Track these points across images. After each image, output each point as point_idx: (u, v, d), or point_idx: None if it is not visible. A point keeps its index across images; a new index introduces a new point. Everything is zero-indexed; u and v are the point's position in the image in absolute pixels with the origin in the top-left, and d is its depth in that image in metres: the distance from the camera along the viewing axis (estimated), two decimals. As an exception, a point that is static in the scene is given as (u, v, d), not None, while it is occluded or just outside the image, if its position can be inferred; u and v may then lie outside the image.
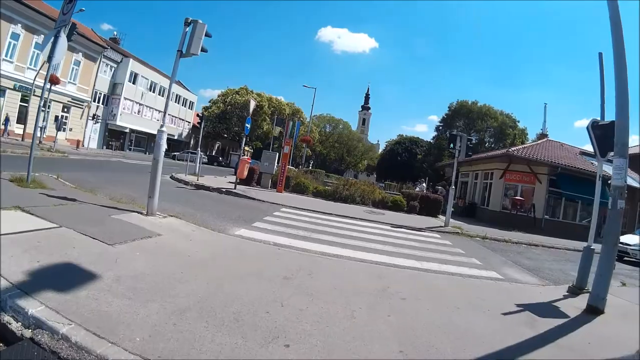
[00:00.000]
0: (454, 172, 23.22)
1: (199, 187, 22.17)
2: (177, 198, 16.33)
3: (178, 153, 67.19)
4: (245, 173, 24.16)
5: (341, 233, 13.91)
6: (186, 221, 10.93)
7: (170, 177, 24.71)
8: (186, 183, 22.98)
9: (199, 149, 29.38)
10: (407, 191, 29.72)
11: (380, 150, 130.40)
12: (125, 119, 62.18)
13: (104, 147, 58.75)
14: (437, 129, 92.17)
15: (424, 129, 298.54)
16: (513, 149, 36.27)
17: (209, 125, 77.82)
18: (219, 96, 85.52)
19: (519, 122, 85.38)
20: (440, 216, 25.93)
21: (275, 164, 27.07)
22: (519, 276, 11.77)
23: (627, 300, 9.82)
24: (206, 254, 7.83)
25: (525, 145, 40.31)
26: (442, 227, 20.79)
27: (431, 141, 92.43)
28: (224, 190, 21.45)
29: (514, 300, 8.06)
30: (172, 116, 75.43)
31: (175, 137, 77.53)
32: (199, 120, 31.06)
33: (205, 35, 11.18)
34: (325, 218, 17.35)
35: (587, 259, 10.15)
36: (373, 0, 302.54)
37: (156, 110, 69.04)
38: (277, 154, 27.57)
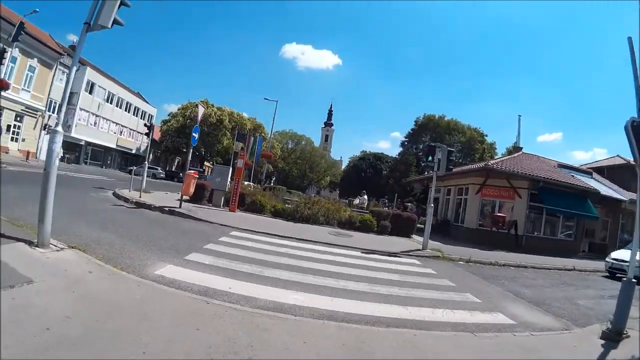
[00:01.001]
0: (432, 188, 20.64)
1: (140, 205, 19.29)
2: (104, 220, 13.64)
3: (135, 167, 62.76)
4: (192, 189, 20.95)
5: (302, 266, 11.12)
6: (89, 255, 8.05)
7: (113, 193, 21.96)
8: (126, 200, 20.15)
9: (145, 163, 26.83)
10: (377, 209, 26.81)
11: (343, 167, 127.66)
12: (81, 131, 59.58)
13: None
14: (402, 144, 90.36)
15: (387, 146, 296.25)
16: (492, 162, 34.24)
17: (168, 139, 76.84)
18: (178, 109, 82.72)
19: (486, 136, 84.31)
20: (415, 236, 23.51)
21: (229, 179, 24.27)
22: (530, 316, 9.44)
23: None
24: (81, 323, 4.88)
25: (502, 159, 37.92)
26: (419, 250, 18.24)
27: (396, 157, 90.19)
28: (166, 209, 18.54)
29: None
30: (130, 129, 73.82)
31: (133, 151, 75.91)
32: (147, 130, 28.29)
33: (122, 4, 8.61)
34: (283, 244, 14.49)
35: (626, 295, 7.98)
36: (337, 16, 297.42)
37: (114, 122, 66.91)
38: (230, 168, 24.92)
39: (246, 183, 36.42)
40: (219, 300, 6.81)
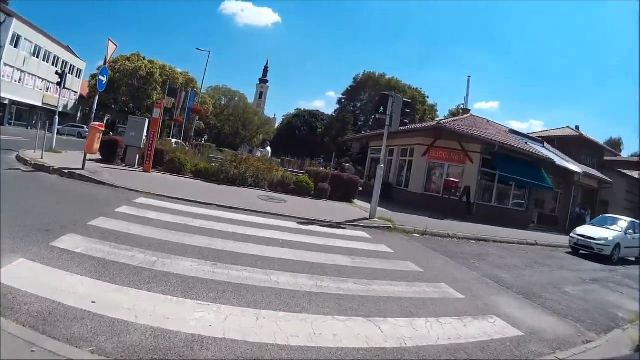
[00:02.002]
0: (384, 147, 17.64)
1: (39, 168, 15.82)
2: None
3: (60, 127, 58.73)
4: (96, 146, 16.95)
5: (217, 248, 8.24)
6: None
7: (17, 156, 18.03)
8: (25, 162, 16.67)
9: (56, 117, 23.20)
10: (314, 169, 23.73)
11: (277, 125, 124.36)
12: (5, 89, 52.59)
13: None
14: (339, 101, 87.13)
15: (322, 105, 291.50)
16: (444, 121, 32.01)
17: (95, 95, 70.04)
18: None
19: (428, 97, 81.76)
20: (357, 201, 20.97)
21: (144, 133, 20.50)
22: (532, 319, 7.37)
23: None
24: None
25: (453, 119, 34.79)
26: (366, 219, 15.57)
27: (333, 115, 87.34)
28: (66, 172, 15.07)
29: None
30: (58, 85, 66.49)
31: (60, 109, 68.26)
32: (58, 79, 24.96)
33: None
34: (199, 213, 11.52)
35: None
36: None
37: (40, 78, 60.58)
38: (147, 120, 21.15)
39: (174, 141, 32.78)
40: (52, 344, 3.76)
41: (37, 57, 59.92)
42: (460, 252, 13.22)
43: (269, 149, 29.32)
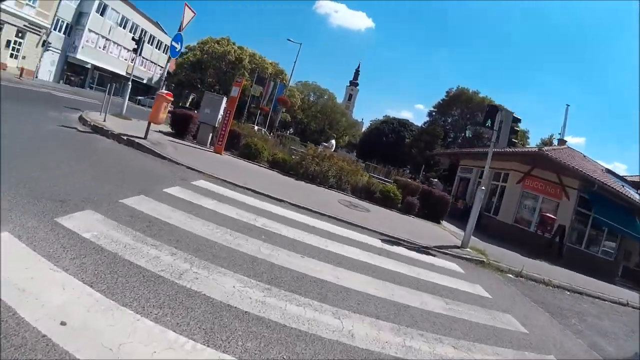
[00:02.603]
0: (486, 167, 14.88)
1: (97, 130, 14.74)
2: (27, 141, 9.95)
3: (142, 97, 60.58)
4: (162, 116, 15.62)
5: (280, 263, 6.33)
6: None
7: (80, 116, 17.10)
8: (85, 123, 15.65)
9: (128, 84, 22.17)
10: (403, 180, 21.37)
11: (364, 129, 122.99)
12: (88, 53, 54.96)
13: (61, 81, 51.90)
14: (430, 114, 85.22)
15: (409, 116, 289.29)
16: (546, 148, 29.06)
17: (182, 73, 72.65)
18: (197, 44, 77.81)
19: (520, 122, 76.61)
20: (445, 223, 18.78)
21: (221, 112, 19.03)
22: None
23: None
24: None
25: (552, 148, 31.95)
26: (457, 247, 13.34)
27: (422, 126, 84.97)
28: (125, 138, 13.80)
29: None
30: (144, 58, 68.70)
31: (145, 81, 70.93)
32: (135, 45, 23.53)
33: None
34: (266, 210, 9.72)
35: None
36: None
37: (125, 48, 60.84)
38: (224, 98, 19.76)
39: (256, 128, 31.30)
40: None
41: (124, 27, 60.94)
42: (558, 306, 11.15)
43: (333, 142, 27.74)
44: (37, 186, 6.17)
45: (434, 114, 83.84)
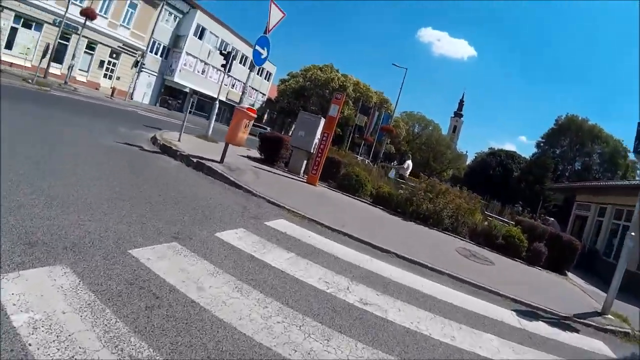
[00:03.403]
0: (638, 205, 11.31)
1: (165, 150, 12.73)
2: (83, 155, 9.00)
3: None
4: (241, 135, 12.45)
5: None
6: None
7: (153, 136, 15.00)
8: (155, 142, 13.81)
9: (215, 103, 19.88)
10: (527, 222, 17.33)
11: (468, 162, 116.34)
12: (186, 77, 54.72)
13: (157, 103, 52.29)
14: (538, 145, 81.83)
15: (512, 148, 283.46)
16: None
17: (284, 100, 72.07)
18: (300, 71, 76.45)
19: (630, 151, 69.36)
20: (572, 276, 14.89)
21: (317, 135, 15.79)
22: None
23: None
24: None
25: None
26: (597, 314, 9.84)
27: (530, 158, 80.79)
28: (195, 161, 11.34)
29: None
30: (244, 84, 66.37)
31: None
32: (224, 61, 21.35)
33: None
34: (365, 269, 6.79)
35: None
36: (476, 5, 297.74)
37: (226, 73, 59.52)
38: (321, 119, 16.54)
39: (360, 158, 28.08)
40: None
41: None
42: None
43: (409, 162, 24.04)
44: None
45: (542, 144, 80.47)
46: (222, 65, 21.58)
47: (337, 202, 12.73)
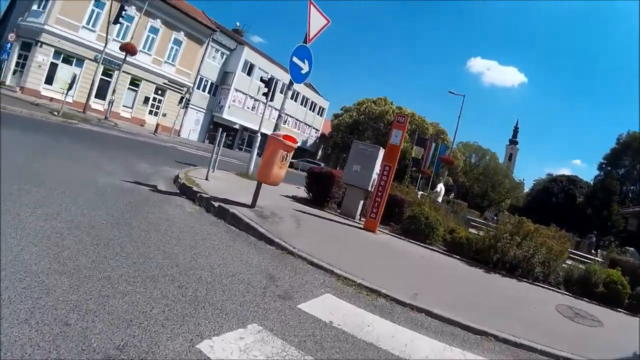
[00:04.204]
0: None
1: (185, 191, 10.25)
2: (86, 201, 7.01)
3: (295, 161, 55.88)
4: (277, 171, 9.38)
5: None
6: None
7: (177, 175, 12.48)
8: (176, 181, 11.61)
9: (257, 136, 18.89)
10: (625, 261, 14.19)
11: (526, 190, 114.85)
12: (235, 113, 55.01)
13: (206, 140, 51.78)
14: (600, 167, 78.74)
15: (567, 172, 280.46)
16: None
17: (338, 135, 71.56)
18: (354, 105, 75.81)
19: None
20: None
21: (376, 169, 12.97)
22: None
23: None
24: None
25: None
26: None
27: (592, 182, 78.66)
28: (216, 205, 8.82)
29: None
30: (297, 120, 68.36)
31: (298, 144, 66.60)
32: (265, 87, 20.14)
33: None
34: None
35: None
36: (526, 33, 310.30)
37: (275, 108, 57.59)
38: (380, 149, 13.60)
39: (420, 193, 24.14)
40: None
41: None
42: None
43: (441, 186, 22.21)
44: None
45: (604, 166, 77.45)
46: (264, 94, 20.01)
47: (403, 255, 10.08)
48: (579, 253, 19.31)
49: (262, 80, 20.62)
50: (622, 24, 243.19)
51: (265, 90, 19.54)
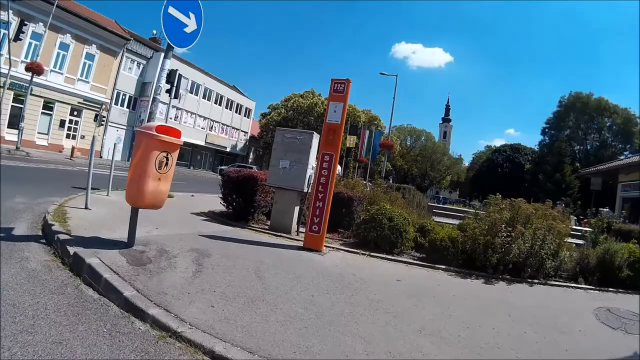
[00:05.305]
0: None
1: (47, 231, 6.84)
2: None
3: (225, 167, 52.01)
4: (152, 185, 6.08)
5: None
6: None
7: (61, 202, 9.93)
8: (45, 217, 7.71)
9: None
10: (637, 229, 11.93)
11: (465, 164, 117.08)
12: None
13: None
14: (544, 132, 79.73)
15: (502, 143, 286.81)
16: None
17: (268, 135, 68.67)
18: (281, 102, 74.53)
19: None
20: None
21: (311, 161, 9.88)
22: None
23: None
24: None
25: None
26: None
27: (537, 148, 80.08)
28: (72, 252, 5.43)
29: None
30: (223, 124, 65.52)
31: (228, 149, 67.34)
32: (167, 83, 16.18)
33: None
34: None
35: None
36: (448, 14, 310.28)
37: (200, 116, 58.44)
38: (315, 135, 10.24)
39: (364, 182, 19.97)
40: None
41: (196, 94, 58.94)
42: None
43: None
44: None
45: (547, 130, 78.83)
46: (167, 91, 17.01)
47: (369, 288, 6.25)
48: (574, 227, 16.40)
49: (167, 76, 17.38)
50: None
51: (168, 86, 16.55)
